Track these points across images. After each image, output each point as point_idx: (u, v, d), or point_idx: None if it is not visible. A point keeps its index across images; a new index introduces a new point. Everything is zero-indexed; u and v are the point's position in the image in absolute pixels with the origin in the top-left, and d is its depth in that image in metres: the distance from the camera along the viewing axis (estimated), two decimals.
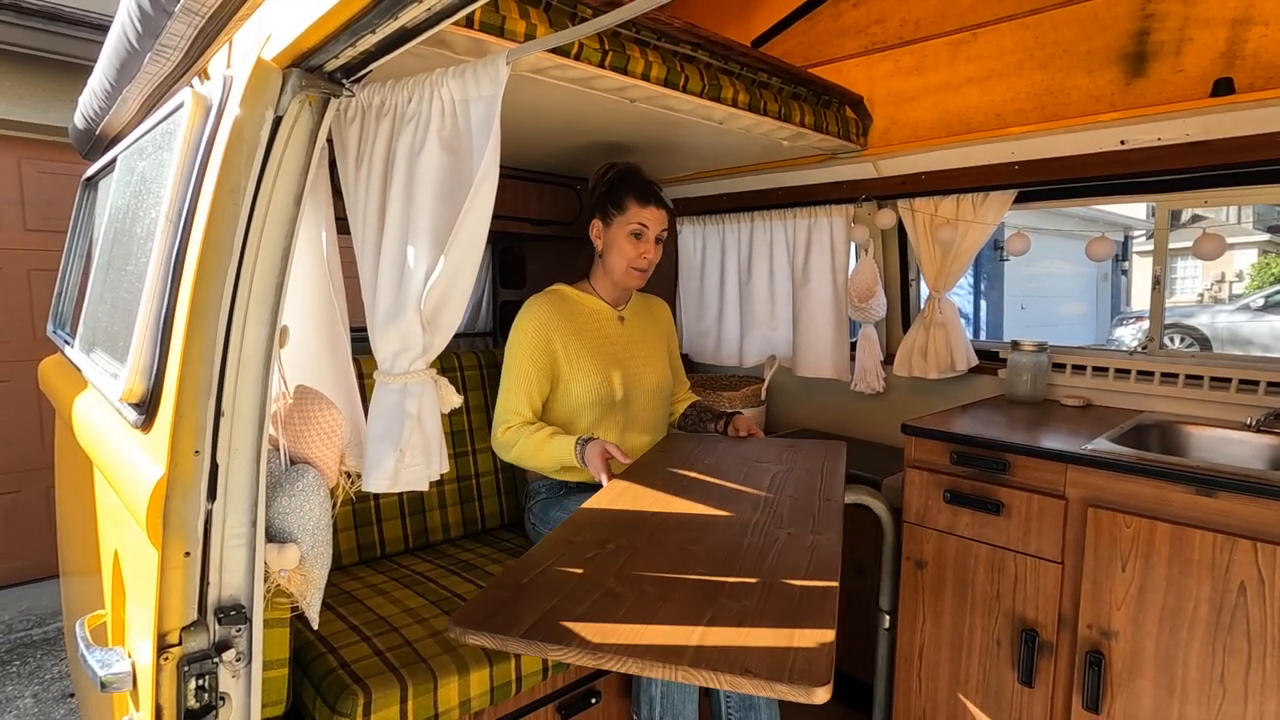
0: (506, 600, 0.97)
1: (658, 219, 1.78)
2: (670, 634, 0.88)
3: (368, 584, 1.66)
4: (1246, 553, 1.15)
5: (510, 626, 0.90)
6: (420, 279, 0.99)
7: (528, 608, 0.95)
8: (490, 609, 0.95)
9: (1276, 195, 1.79)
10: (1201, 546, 1.19)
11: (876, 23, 2.09)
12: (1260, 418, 1.50)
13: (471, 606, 0.96)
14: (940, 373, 2.05)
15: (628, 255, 1.76)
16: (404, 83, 1.02)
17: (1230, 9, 1.50)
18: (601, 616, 0.92)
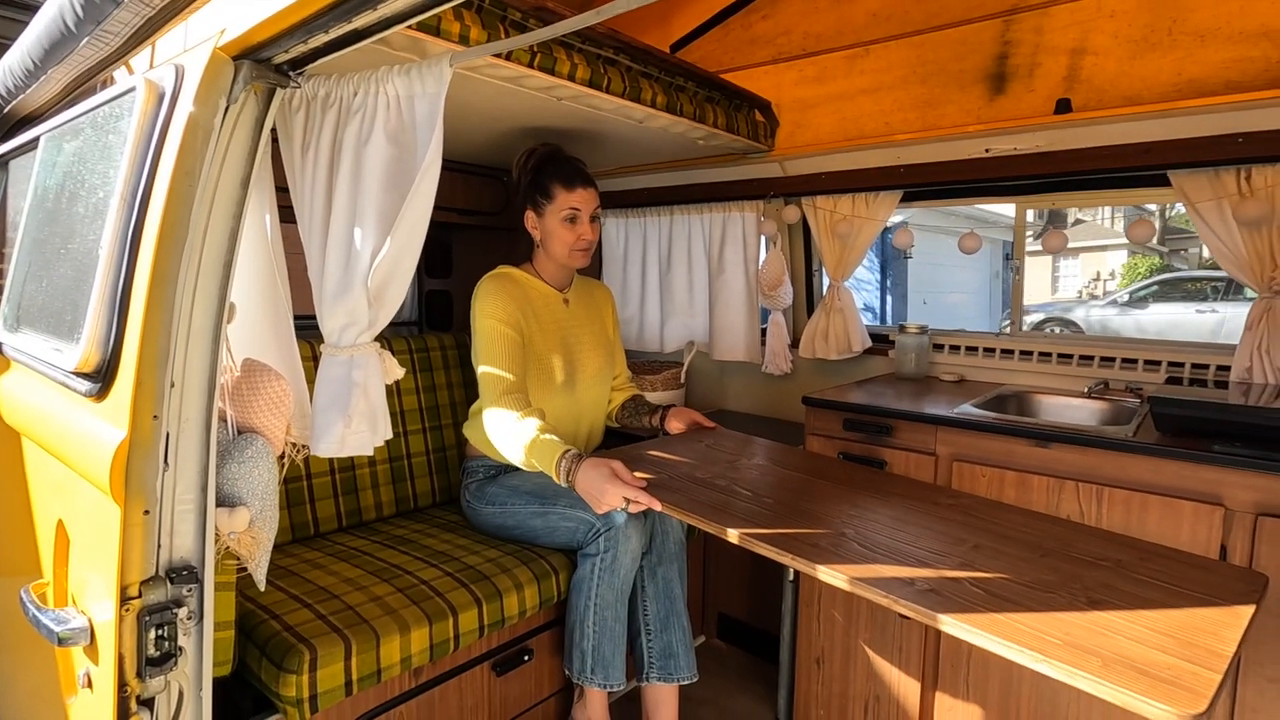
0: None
1: (587, 199, 1.83)
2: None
3: (304, 559, 1.71)
4: (1071, 492, 1.40)
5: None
6: (367, 259, 1.08)
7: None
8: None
9: (1108, 199, 2.10)
10: (1039, 489, 1.44)
11: (783, 34, 2.29)
12: (1093, 386, 1.79)
13: None
14: (839, 354, 2.27)
15: (567, 241, 1.82)
16: (349, 77, 1.10)
17: (1070, 40, 1.77)
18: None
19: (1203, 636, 0.83)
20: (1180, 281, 9.56)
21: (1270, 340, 1.59)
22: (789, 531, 1.14)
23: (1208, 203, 1.63)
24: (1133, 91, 1.68)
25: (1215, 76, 1.59)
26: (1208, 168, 1.61)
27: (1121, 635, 0.83)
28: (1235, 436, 1.31)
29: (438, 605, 1.49)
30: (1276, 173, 1.53)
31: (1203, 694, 0.71)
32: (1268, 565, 1.22)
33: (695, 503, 1.26)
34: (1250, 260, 1.60)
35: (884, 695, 1.67)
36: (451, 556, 1.70)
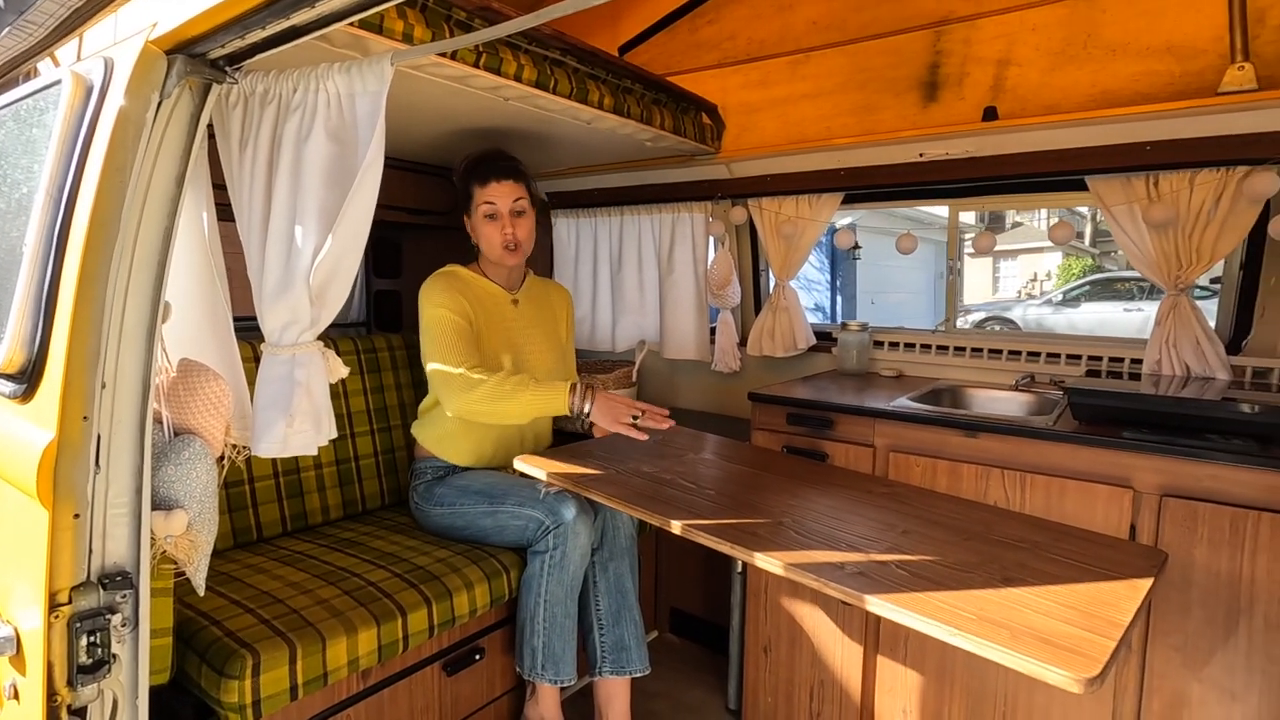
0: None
1: (503, 192, 1.80)
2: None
3: (246, 564, 1.67)
4: (998, 479, 1.48)
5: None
6: (308, 256, 1.07)
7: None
8: None
9: (1033, 202, 2.21)
10: (968, 476, 1.52)
11: (728, 39, 2.34)
12: (1020, 379, 1.89)
13: None
14: (785, 351, 2.33)
15: (494, 239, 1.82)
16: (288, 74, 1.09)
17: (996, 51, 1.86)
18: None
19: (1104, 609, 0.89)
20: (1110, 282, 10.08)
21: (1177, 334, 1.71)
22: (730, 522, 1.18)
23: (1120, 206, 1.74)
24: (1053, 101, 1.78)
25: (1126, 88, 1.70)
26: (1120, 173, 1.72)
27: (1030, 609, 0.89)
28: (1143, 423, 1.41)
29: (386, 606, 1.48)
30: (1181, 179, 1.65)
31: (1098, 659, 0.77)
32: (1171, 542, 1.32)
33: (640, 496, 1.28)
34: (1158, 260, 1.71)
35: (828, 679, 1.73)
36: (400, 558, 1.69)
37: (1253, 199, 1.56)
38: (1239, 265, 1.75)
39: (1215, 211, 1.62)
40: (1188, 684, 1.32)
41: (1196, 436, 1.33)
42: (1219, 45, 1.57)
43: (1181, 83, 1.63)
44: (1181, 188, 1.65)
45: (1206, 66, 1.59)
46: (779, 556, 1.01)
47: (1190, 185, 1.63)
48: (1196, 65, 1.61)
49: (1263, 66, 1.50)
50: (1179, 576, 1.31)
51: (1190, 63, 1.62)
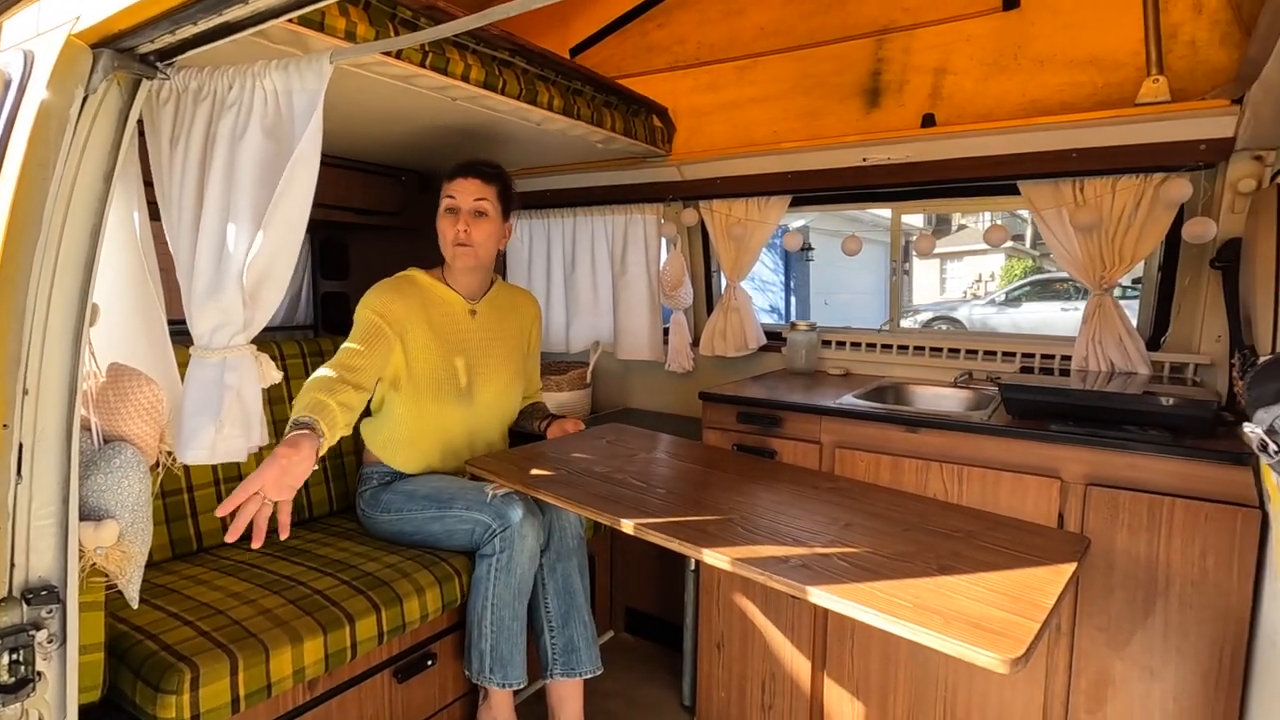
0: None
1: (468, 188, 1.76)
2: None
3: (184, 576, 1.62)
4: (937, 472, 1.54)
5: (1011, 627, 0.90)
6: (241, 257, 1.04)
7: None
8: None
9: (970, 205, 2.29)
10: (909, 470, 1.57)
11: (678, 43, 2.37)
12: (959, 376, 1.96)
13: None
14: (737, 351, 2.37)
15: (447, 234, 1.79)
16: (223, 70, 1.07)
17: (934, 60, 1.93)
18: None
19: (1031, 593, 0.94)
20: (1049, 282, 10.50)
21: (1102, 332, 1.80)
22: (680, 520, 1.19)
23: (1050, 210, 1.83)
24: (986, 109, 1.86)
25: (1053, 98, 1.78)
26: (1049, 179, 1.80)
27: (963, 596, 0.93)
28: (1070, 417, 1.48)
29: (333, 614, 1.46)
30: (1104, 184, 1.74)
31: (1022, 641, 0.81)
32: (1096, 529, 1.39)
33: (592, 496, 1.29)
34: (1085, 261, 1.80)
35: (779, 672, 1.77)
36: (348, 564, 1.66)
37: (1168, 204, 1.66)
38: (1157, 266, 1.86)
39: (1135, 215, 1.71)
40: (1111, 663, 1.39)
41: (1118, 428, 1.40)
42: (1136, 59, 1.67)
43: (1103, 93, 1.72)
44: (1105, 193, 1.74)
45: (1125, 79, 1.69)
46: (726, 552, 1.03)
47: (1112, 190, 1.73)
48: (1117, 77, 1.70)
49: (1175, 80, 1.60)
50: (1103, 561, 1.38)
51: (1111, 74, 1.71)
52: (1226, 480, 1.28)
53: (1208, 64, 1.59)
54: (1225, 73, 1.55)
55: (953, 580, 0.98)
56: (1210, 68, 1.58)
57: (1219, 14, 1.57)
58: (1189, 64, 1.61)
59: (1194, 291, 1.76)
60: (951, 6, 1.91)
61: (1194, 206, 1.68)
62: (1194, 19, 1.59)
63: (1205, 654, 1.30)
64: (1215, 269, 1.67)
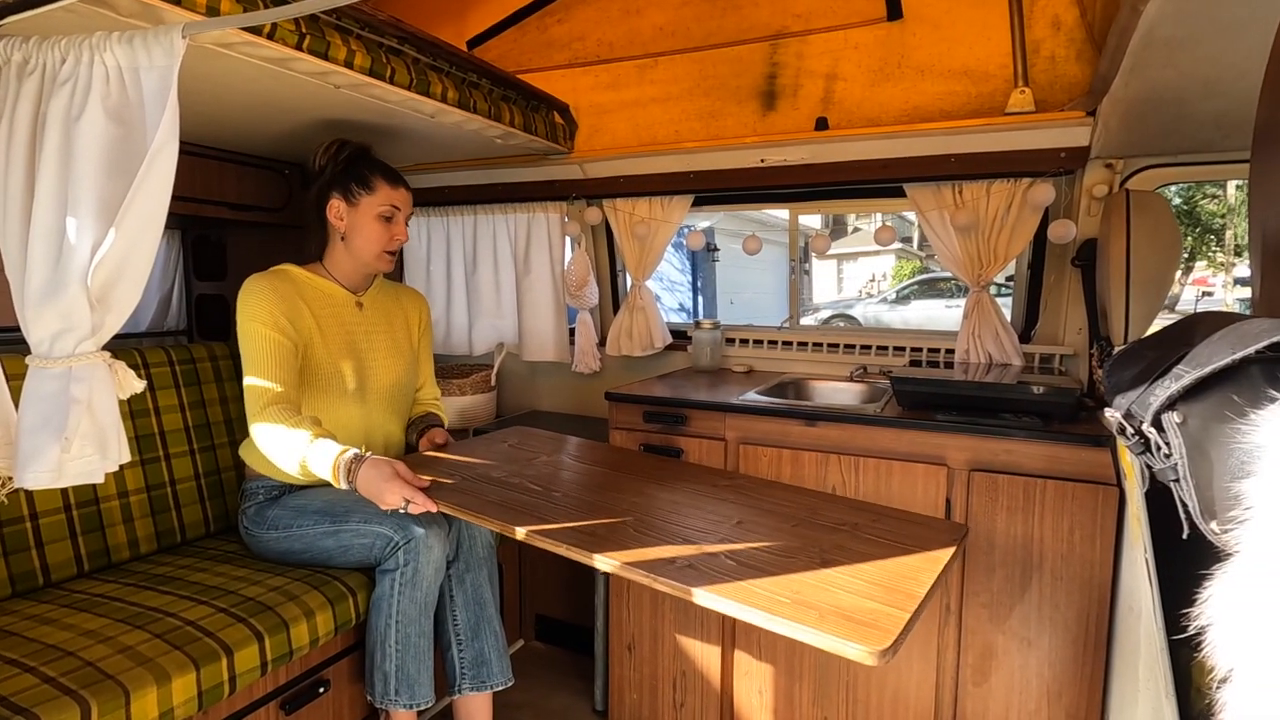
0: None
1: (407, 201, 1.77)
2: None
3: (26, 616, 1.43)
4: (835, 464, 1.59)
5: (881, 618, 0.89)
6: (86, 253, 0.93)
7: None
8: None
9: (862, 206, 2.39)
10: (810, 464, 1.61)
11: (577, 40, 2.33)
12: (854, 370, 2.04)
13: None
14: (643, 350, 2.37)
15: (379, 239, 1.71)
16: (54, 41, 0.94)
17: (825, 66, 2.00)
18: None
19: (905, 582, 0.97)
20: (935, 281, 11.25)
21: (980, 326, 1.92)
22: (574, 525, 1.16)
23: (933, 211, 1.93)
24: (873, 114, 1.94)
25: (932, 105, 1.89)
26: (930, 182, 1.91)
27: (841, 589, 0.95)
28: (953, 407, 1.57)
29: (207, 646, 1.32)
30: (980, 188, 1.86)
31: (891, 632, 0.83)
32: (978, 512, 1.47)
33: (485, 503, 1.24)
34: (964, 260, 1.91)
35: (689, 670, 1.77)
36: (226, 590, 1.52)
37: (1034, 207, 1.79)
38: (1027, 265, 2.00)
39: (1007, 217, 1.84)
40: (994, 636, 1.49)
41: (996, 416, 1.50)
42: (1005, 71, 1.79)
43: (976, 102, 1.84)
44: (980, 196, 1.86)
45: (996, 89, 1.81)
46: (616, 556, 1.01)
47: (987, 194, 1.84)
48: (988, 87, 1.82)
49: (1038, 91, 1.72)
50: (984, 542, 1.47)
51: (983, 85, 1.82)
52: (1089, 461, 1.39)
53: (1066, 78, 1.72)
54: (1081, 86, 1.69)
55: (833, 573, 1.00)
56: (1068, 81, 1.72)
57: (1075, 32, 1.71)
58: (1050, 77, 1.74)
59: (1058, 288, 1.91)
60: (840, 15, 1.98)
61: (1057, 209, 1.83)
62: (1053, 36, 1.73)
63: (1074, 622, 1.41)
64: (1075, 267, 1.82)
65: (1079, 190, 1.80)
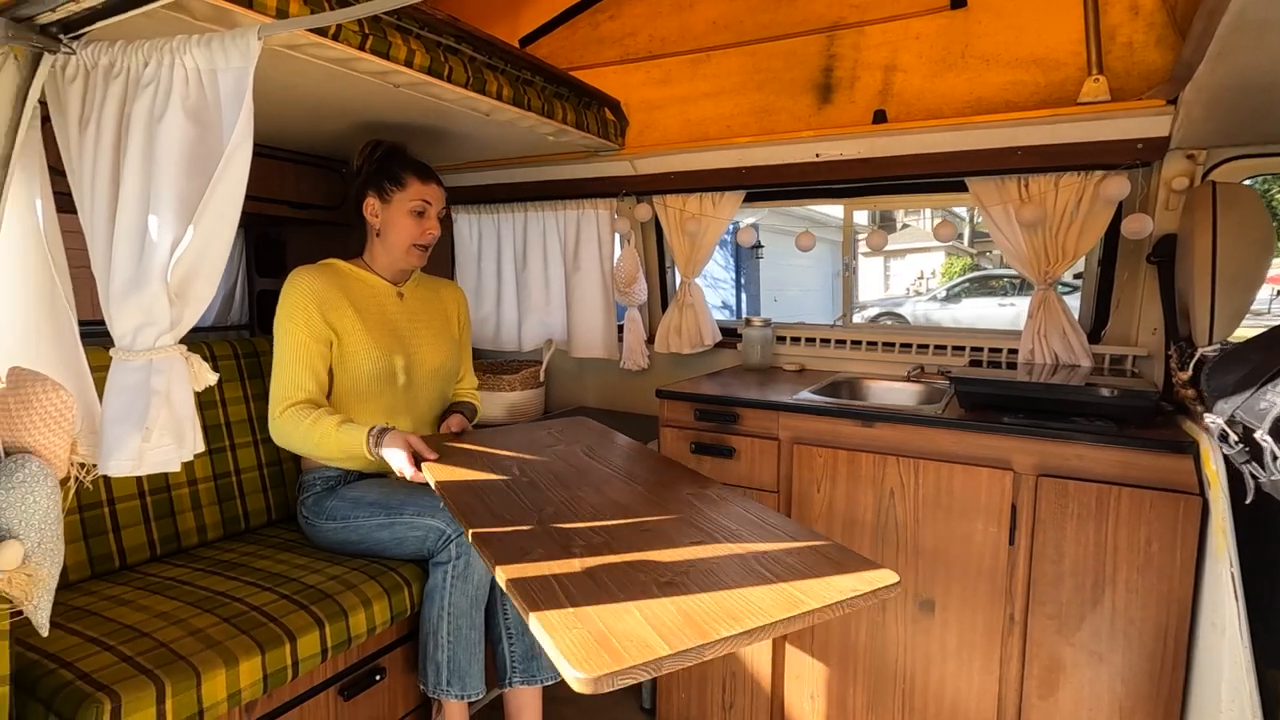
0: (594, 634, 0.83)
1: (439, 196, 1.81)
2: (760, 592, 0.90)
3: (104, 596, 1.50)
4: (894, 466, 1.55)
5: (635, 641, 0.80)
6: (166, 250, 0.96)
7: (621, 620, 0.85)
8: (591, 644, 0.81)
9: (921, 201, 2.33)
10: (866, 465, 1.57)
11: (629, 35, 2.33)
12: (911, 370, 1.98)
13: (574, 654, 0.79)
14: (692, 348, 2.35)
15: (410, 233, 1.76)
16: (138, 45, 0.98)
17: (883, 57, 1.95)
18: (694, 604, 0.89)
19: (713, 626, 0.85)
20: (986, 279, 10.91)
21: (1046, 326, 1.84)
22: (528, 528, 1.12)
23: (996, 207, 1.86)
24: (935, 106, 1.88)
25: (997, 96, 1.82)
26: (995, 175, 1.84)
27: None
28: (1019, 409, 1.51)
29: (271, 632, 1.37)
30: (1048, 181, 1.78)
31: (613, 666, 0.75)
32: (1046, 519, 1.42)
33: (467, 490, 1.25)
34: (1030, 257, 1.84)
35: (739, 671, 1.75)
36: (288, 578, 1.57)
37: (1107, 201, 1.71)
38: (1097, 261, 1.92)
39: (1077, 212, 1.76)
40: (1062, 649, 1.43)
41: (1065, 420, 1.44)
42: (1077, 59, 1.71)
43: (1045, 92, 1.77)
44: (1048, 190, 1.78)
45: (1067, 78, 1.73)
46: (517, 569, 0.96)
47: (1056, 187, 1.77)
48: (1058, 76, 1.74)
49: (1114, 80, 1.64)
50: (1053, 551, 1.41)
51: (1053, 73, 1.75)
52: (1168, 468, 1.32)
53: (1144, 65, 1.64)
54: (1161, 73, 1.61)
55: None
56: (1146, 68, 1.63)
57: (1154, 16, 1.62)
58: (1126, 65, 1.66)
59: (1131, 286, 1.82)
60: (900, 4, 1.92)
61: (1132, 203, 1.74)
62: (1131, 20, 1.64)
63: (1150, 637, 1.34)
64: (1151, 264, 1.73)
65: (1156, 183, 1.71)
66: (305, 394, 1.64)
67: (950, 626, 1.52)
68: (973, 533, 1.48)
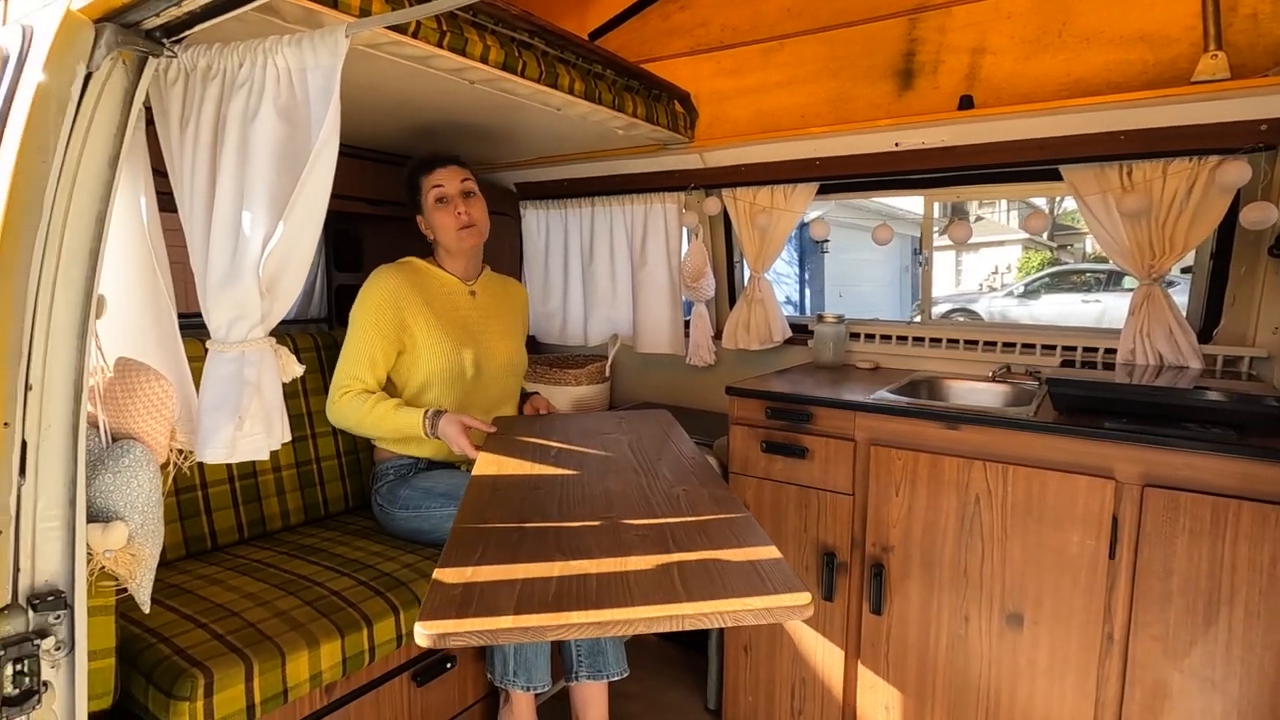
0: (464, 591, 0.86)
1: (450, 175, 1.81)
2: (649, 587, 0.87)
3: (198, 575, 1.58)
4: (980, 471, 1.46)
5: (493, 611, 0.81)
6: (258, 245, 0.99)
7: (497, 592, 0.86)
8: (453, 602, 0.83)
9: (1008, 191, 2.20)
10: (950, 469, 1.50)
11: (700, 26, 2.29)
12: (997, 370, 1.88)
13: (434, 604, 0.83)
14: (761, 344, 2.30)
15: (446, 223, 1.80)
16: (233, 47, 1.01)
17: (970, 39, 1.84)
18: (576, 587, 0.87)
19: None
20: (1068, 274, 10.32)
21: (1150, 323, 1.71)
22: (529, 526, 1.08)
23: (1094, 196, 1.74)
24: (1027, 89, 1.77)
25: (1099, 77, 1.69)
26: (1094, 163, 1.72)
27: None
28: (1122, 413, 1.40)
29: (350, 616, 1.41)
30: (1154, 168, 1.65)
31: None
32: (1152, 532, 1.31)
33: (499, 482, 1.25)
34: (1132, 250, 1.71)
35: (809, 677, 1.70)
36: (365, 564, 1.61)
37: (1224, 188, 1.57)
38: (1210, 254, 1.76)
39: (1188, 201, 1.62)
40: (1168, 673, 1.32)
41: (1175, 426, 1.32)
42: (1191, 34, 1.57)
43: (1154, 71, 1.63)
44: (1155, 177, 1.65)
45: (1179, 55, 1.59)
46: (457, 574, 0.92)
47: (1163, 174, 1.64)
48: (1169, 54, 1.61)
49: (1235, 55, 1.50)
50: (1160, 567, 1.31)
51: (1163, 51, 1.62)
52: None
53: (1270, 38, 1.49)
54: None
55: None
56: (1273, 42, 1.49)
57: None
58: (1250, 39, 1.51)
59: (1249, 281, 1.67)
60: None
61: (1252, 191, 1.59)
62: None
63: (1273, 667, 1.22)
64: (1275, 257, 1.58)
65: None
66: (361, 385, 1.72)
67: (1041, 642, 1.43)
68: (1068, 544, 1.38)
